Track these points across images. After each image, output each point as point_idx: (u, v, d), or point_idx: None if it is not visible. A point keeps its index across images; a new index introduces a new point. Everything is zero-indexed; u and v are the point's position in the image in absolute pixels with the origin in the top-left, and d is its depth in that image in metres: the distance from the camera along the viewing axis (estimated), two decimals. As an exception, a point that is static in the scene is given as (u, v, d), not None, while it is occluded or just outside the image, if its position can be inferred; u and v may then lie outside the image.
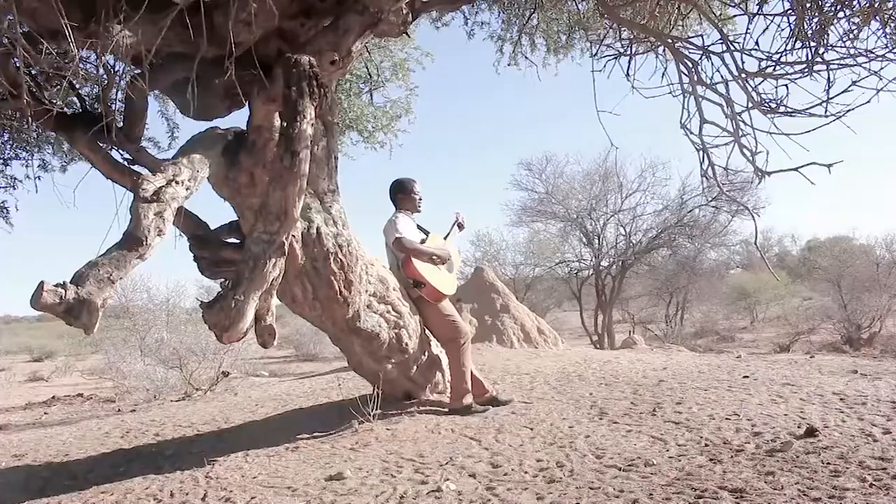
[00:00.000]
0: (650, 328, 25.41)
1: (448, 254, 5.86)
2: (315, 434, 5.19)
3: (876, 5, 4.60)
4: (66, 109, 4.39)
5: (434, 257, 5.71)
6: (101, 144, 4.35)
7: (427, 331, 5.86)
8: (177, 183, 3.34)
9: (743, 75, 5.03)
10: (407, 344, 5.57)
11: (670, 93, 5.46)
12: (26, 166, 6.73)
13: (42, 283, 2.72)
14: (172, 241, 4.39)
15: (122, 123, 4.33)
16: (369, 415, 5.19)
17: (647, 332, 24.11)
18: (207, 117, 4.47)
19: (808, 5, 4.75)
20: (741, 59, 5.04)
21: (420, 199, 5.92)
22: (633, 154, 39.99)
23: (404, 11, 4.86)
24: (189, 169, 3.50)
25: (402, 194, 5.86)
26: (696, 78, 5.22)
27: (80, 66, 4.40)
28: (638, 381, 6.44)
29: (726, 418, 4.75)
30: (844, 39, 4.73)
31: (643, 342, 13.94)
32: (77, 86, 4.52)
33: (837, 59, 4.68)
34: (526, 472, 3.92)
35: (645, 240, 22.53)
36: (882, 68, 4.51)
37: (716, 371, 6.80)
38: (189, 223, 4.66)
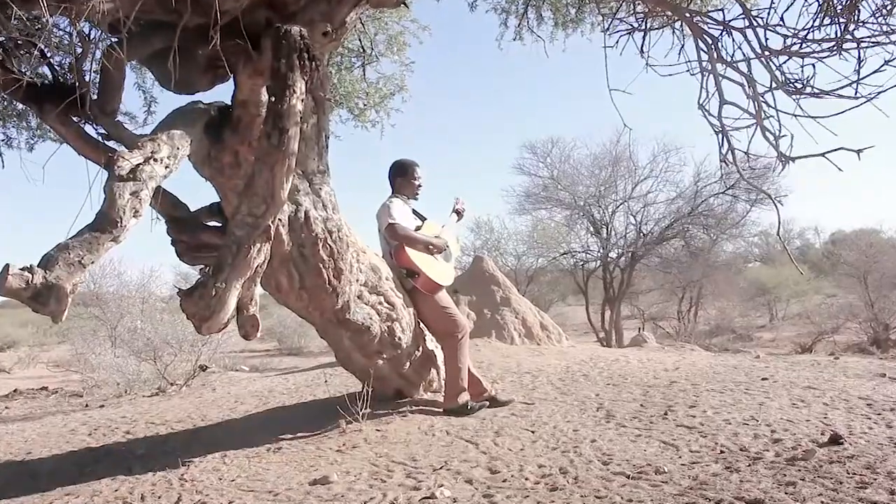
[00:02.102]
0: (661, 325, 25.46)
1: (445, 242, 5.86)
2: (299, 434, 5.20)
3: (912, -21, 4.59)
4: (36, 80, 4.37)
5: (430, 246, 5.71)
6: (73, 118, 4.33)
7: (422, 324, 5.87)
8: (155, 161, 3.33)
9: (766, 53, 5.02)
10: (400, 338, 5.58)
11: (688, 71, 5.46)
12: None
13: (7, 266, 2.71)
14: (148, 223, 4.39)
15: (96, 96, 4.31)
16: (358, 414, 5.20)
17: (658, 330, 24.17)
18: (189, 91, 4.45)
19: (838, -22, 4.75)
20: (765, 36, 5.03)
21: (420, 186, 5.92)
22: (646, 137, 39.79)
23: (403, -21, 4.85)
24: (168, 146, 3.49)
25: (400, 177, 5.85)
26: (715, 55, 5.21)
27: (53, 33, 4.39)
28: (648, 381, 6.46)
29: (743, 423, 4.78)
30: (877, 15, 4.72)
31: (654, 340, 13.98)
32: (49, 55, 4.50)
33: (869, 37, 4.68)
34: (527, 479, 3.93)
35: (657, 230, 22.53)
36: (917, 47, 4.51)
37: (732, 372, 6.83)
38: (167, 204, 4.65)
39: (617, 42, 5.80)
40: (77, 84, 3.89)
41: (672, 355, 9.02)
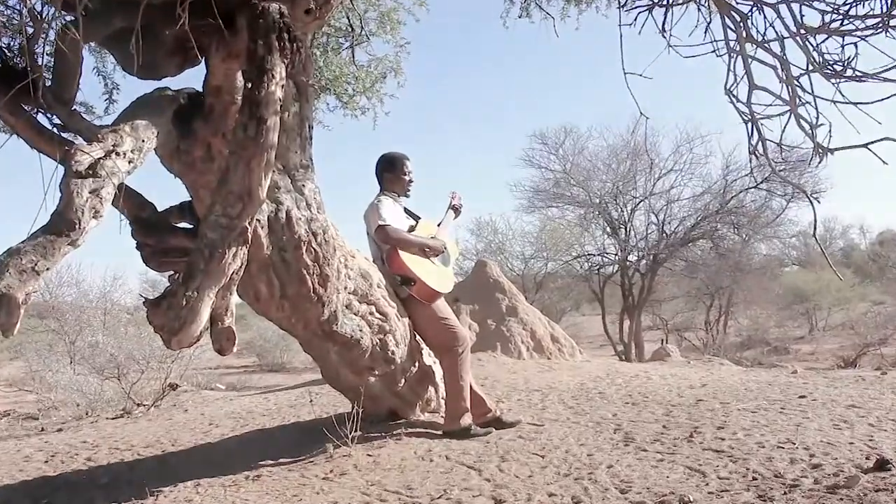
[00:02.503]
0: (687, 337, 25.49)
1: (442, 244, 5.86)
2: (281, 460, 5.20)
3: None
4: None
5: (426, 248, 5.71)
6: (24, 107, 4.33)
7: (418, 337, 5.86)
8: (117, 155, 3.33)
9: (802, 31, 5.03)
10: (393, 352, 5.57)
11: (714, 52, 5.46)
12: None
13: (-49, 274, 2.71)
14: (111, 224, 4.39)
15: (50, 82, 4.30)
16: (346, 437, 5.20)
17: (684, 342, 24.20)
18: (155, 76, 4.45)
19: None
20: (800, 12, 5.04)
21: (410, 181, 5.92)
22: (668, 126, 39.80)
23: (395, -50, 4.85)
24: (132, 138, 3.49)
25: (389, 173, 5.85)
26: (744, 34, 5.21)
27: (0, 11, 4.39)
28: (672, 400, 6.46)
29: (778, 446, 4.77)
30: (927, -12, 4.72)
31: (678, 353, 13.99)
32: (-4, 35, 4.50)
33: (919, 13, 4.67)
34: (536, 509, 3.94)
35: (681, 230, 22.55)
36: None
37: (766, 389, 6.83)
38: (131, 203, 4.65)
39: (635, 19, 5.80)
40: (28, 69, 3.89)
41: (699, 370, 9.02)
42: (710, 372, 8.73)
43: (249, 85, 3.87)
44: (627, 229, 22.86)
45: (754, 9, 5.22)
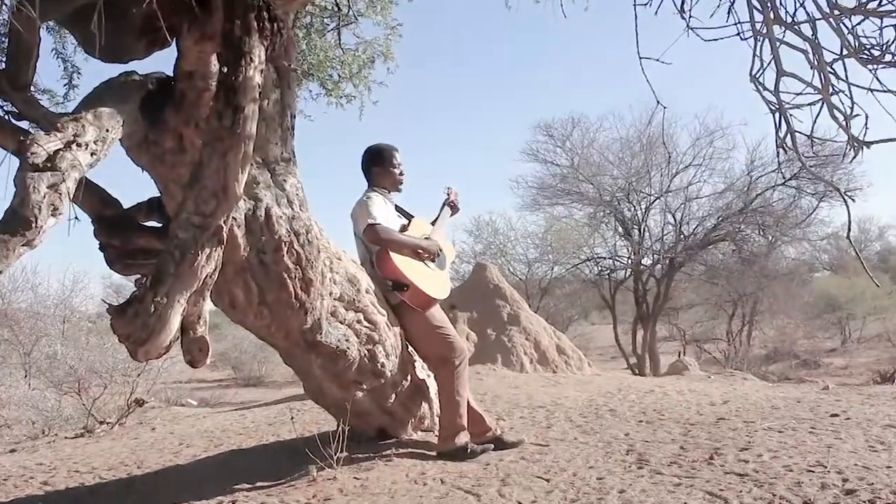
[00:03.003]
0: (707, 348, 25.48)
1: (438, 245, 5.85)
2: (259, 484, 5.19)
3: None
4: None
5: (419, 250, 5.71)
6: (-25, 93, 4.33)
7: (410, 348, 5.86)
8: (78, 146, 3.32)
9: (836, 12, 5.03)
10: (383, 364, 5.57)
11: (738, 35, 5.46)
12: None
13: None
14: (70, 223, 4.37)
15: (4, 65, 4.30)
16: (331, 458, 5.19)
17: (703, 354, 24.18)
18: (120, 59, 4.44)
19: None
20: (834, -9, 5.04)
21: (402, 174, 5.90)
22: (687, 117, 39.76)
23: (386, -79, 4.85)
24: (95, 127, 3.49)
25: (378, 166, 5.84)
26: (772, 15, 5.21)
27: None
28: (690, 418, 6.47)
29: (808, 470, 4.77)
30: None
31: (697, 367, 14.02)
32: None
33: (966, -8, 4.67)
34: (540, 538, 3.94)
35: (700, 231, 22.55)
36: None
37: (794, 407, 6.83)
38: (94, 200, 4.64)
39: (651, -1, 5.80)
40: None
41: (720, 386, 9.03)
42: (733, 387, 8.74)
43: (225, 69, 3.87)
44: (641, 230, 22.87)
45: (783, -13, 5.22)
